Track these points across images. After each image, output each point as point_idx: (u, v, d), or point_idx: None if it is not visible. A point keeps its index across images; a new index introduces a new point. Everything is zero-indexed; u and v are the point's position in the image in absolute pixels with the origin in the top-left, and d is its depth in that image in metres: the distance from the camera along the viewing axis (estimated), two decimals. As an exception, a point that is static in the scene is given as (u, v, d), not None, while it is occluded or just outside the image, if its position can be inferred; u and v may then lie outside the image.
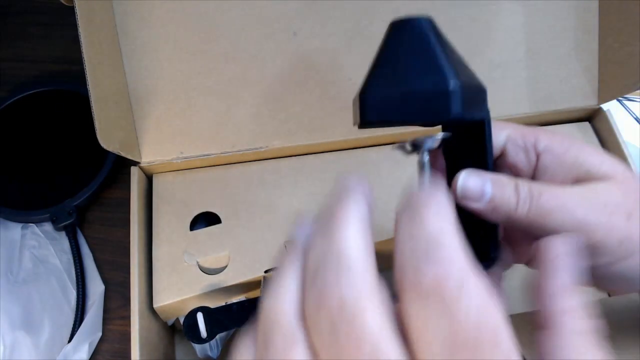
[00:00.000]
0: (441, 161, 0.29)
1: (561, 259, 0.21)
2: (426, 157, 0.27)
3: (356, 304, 0.15)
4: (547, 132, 0.27)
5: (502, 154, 0.28)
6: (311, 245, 0.18)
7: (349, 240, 0.17)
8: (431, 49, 0.24)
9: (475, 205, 0.25)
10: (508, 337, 0.15)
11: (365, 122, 0.25)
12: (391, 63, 0.25)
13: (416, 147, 0.27)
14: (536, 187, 0.24)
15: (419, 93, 0.23)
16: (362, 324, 0.15)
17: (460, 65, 0.25)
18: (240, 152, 0.43)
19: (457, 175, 0.25)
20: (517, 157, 0.27)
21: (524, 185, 0.24)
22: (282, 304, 0.17)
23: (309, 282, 0.17)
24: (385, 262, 0.48)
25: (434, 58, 0.24)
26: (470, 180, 0.25)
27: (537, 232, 0.24)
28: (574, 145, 0.26)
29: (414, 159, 0.29)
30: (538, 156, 0.27)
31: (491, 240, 0.27)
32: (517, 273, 0.30)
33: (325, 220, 0.18)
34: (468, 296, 0.15)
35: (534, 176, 0.27)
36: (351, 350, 0.15)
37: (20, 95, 0.54)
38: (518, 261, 0.29)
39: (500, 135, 0.28)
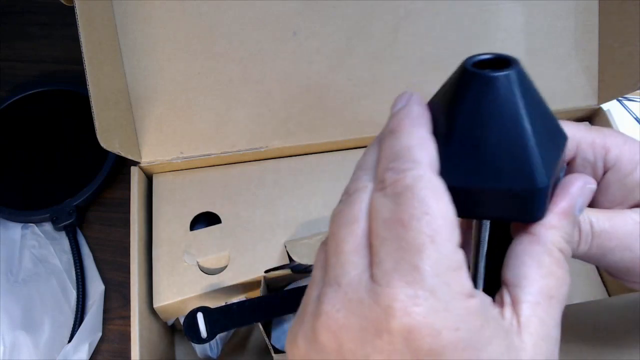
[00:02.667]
0: None
1: (578, 191, 0.21)
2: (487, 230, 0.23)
3: (359, 187, 0.22)
4: (617, 141, 0.25)
5: (568, 165, 0.26)
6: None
7: (368, 158, 0.23)
8: (519, 127, 0.19)
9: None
10: (443, 218, 0.18)
11: None
12: (465, 140, 0.19)
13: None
14: (597, 221, 0.23)
15: (499, 191, 0.19)
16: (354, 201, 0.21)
17: (545, 124, 0.20)
18: (240, 152, 0.43)
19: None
20: (584, 171, 0.25)
21: (585, 221, 0.23)
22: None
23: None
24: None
25: (522, 144, 0.19)
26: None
27: (593, 263, 0.24)
28: None
29: None
30: (605, 172, 0.25)
31: None
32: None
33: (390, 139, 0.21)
34: (417, 188, 0.18)
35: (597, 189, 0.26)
36: (343, 215, 0.20)
37: (20, 95, 0.54)
38: None
39: (571, 145, 0.25)
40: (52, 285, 0.46)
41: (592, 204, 0.25)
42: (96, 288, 0.46)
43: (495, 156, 0.19)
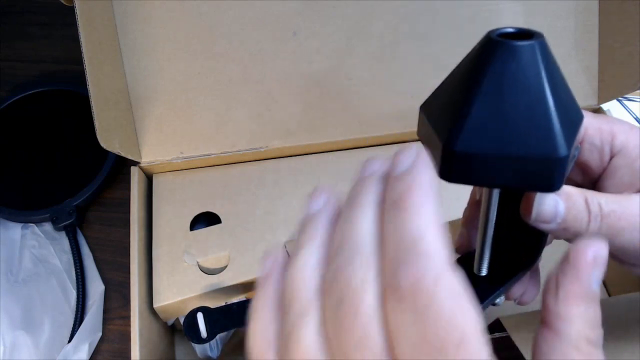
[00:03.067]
0: None
1: (589, 267, 0.20)
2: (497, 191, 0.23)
3: (359, 286, 0.16)
4: (623, 128, 0.25)
5: None
6: (338, 223, 0.18)
7: (361, 229, 0.17)
8: (542, 95, 0.19)
9: (545, 227, 0.23)
10: (476, 337, 0.15)
11: (447, 179, 0.20)
12: (488, 107, 0.19)
13: None
14: (606, 202, 0.23)
15: (520, 158, 0.19)
16: (358, 306, 0.16)
17: (565, 98, 0.20)
18: (240, 152, 0.43)
19: (530, 193, 0.23)
20: (590, 156, 0.26)
21: (594, 201, 0.23)
22: (304, 272, 0.19)
23: (331, 256, 0.18)
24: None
25: (544, 112, 0.19)
26: (546, 200, 0.23)
27: None
28: None
29: None
30: (612, 157, 0.25)
31: (539, 246, 0.26)
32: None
33: (348, 206, 0.19)
34: (440, 299, 0.15)
35: (602, 174, 0.26)
36: (345, 331, 0.16)
37: (20, 95, 0.54)
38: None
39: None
40: (52, 285, 0.46)
41: (599, 189, 0.25)
42: (96, 288, 0.46)
43: (518, 123, 0.19)
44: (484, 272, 0.26)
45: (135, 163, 0.42)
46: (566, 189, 0.23)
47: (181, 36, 0.42)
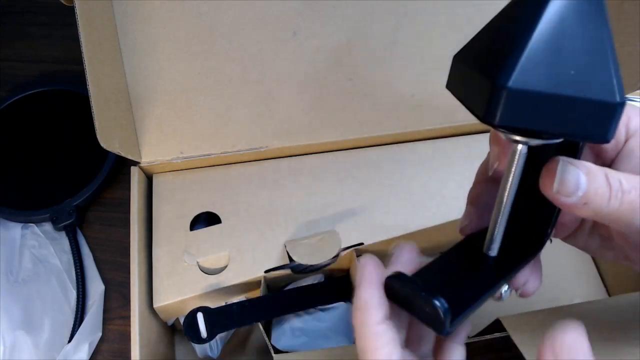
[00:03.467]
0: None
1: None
2: (525, 152, 0.22)
3: None
4: (637, 111, 0.25)
5: None
6: None
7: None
8: (602, 37, 0.18)
9: (565, 201, 0.22)
10: None
11: (494, 120, 0.18)
12: (544, 45, 0.18)
13: (519, 140, 0.22)
14: (627, 179, 0.22)
15: (575, 101, 0.18)
16: None
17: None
18: (240, 152, 0.43)
19: (552, 163, 0.22)
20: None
21: (614, 177, 0.22)
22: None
23: None
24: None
25: (604, 55, 0.18)
26: (568, 171, 0.22)
27: (619, 227, 0.23)
28: None
29: (412, 159, 0.28)
30: (626, 140, 0.25)
31: (550, 223, 0.25)
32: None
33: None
34: None
35: (615, 158, 0.25)
36: None
37: (20, 95, 0.54)
38: (556, 235, 0.28)
39: None
40: (52, 285, 0.46)
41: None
42: (96, 288, 0.46)
43: (575, 65, 0.18)
44: (494, 253, 0.25)
45: (135, 163, 0.42)
46: (586, 164, 0.22)
47: (181, 36, 0.42)
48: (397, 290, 0.23)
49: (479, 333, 0.44)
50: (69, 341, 0.43)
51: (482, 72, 0.19)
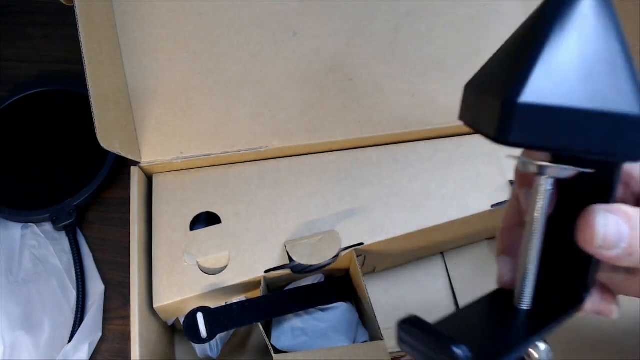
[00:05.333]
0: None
1: None
2: (550, 187, 0.21)
3: None
4: None
5: None
6: None
7: None
8: (617, 53, 0.17)
9: (608, 254, 0.20)
10: None
11: (506, 139, 0.17)
12: (555, 58, 0.17)
13: (542, 172, 0.20)
14: None
15: (593, 115, 0.17)
16: None
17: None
18: (240, 152, 0.43)
19: (589, 217, 0.20)
20: (632, 166, 0.23)
21: None
22: None
23: None
24: (386, 262, 0.48)
25: (622, 66, 0.17)
26: (610, 223, 0.20)
27: None
28: None
29: (412, 160, 0.26)
30: None
31: (588, 275, 0.23)
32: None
33: None
34: None
35: None
36: None
37: (20, 95, 0.54)
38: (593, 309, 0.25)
39: None
40: (52, 285, 0.46)
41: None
42: (96, 288, 0.46)
43: (591, 76, 0.17)
44: (525, 306, 0.23)
45: (135, 163, 0.42)
46: (623, 208, 0.20)
47: (181, 36, 0.42)
48: (411, 336, 0.20)
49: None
50: (69, 341, 0.43)
51: (493, 94, 0.18)
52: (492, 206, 0.42)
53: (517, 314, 0.22)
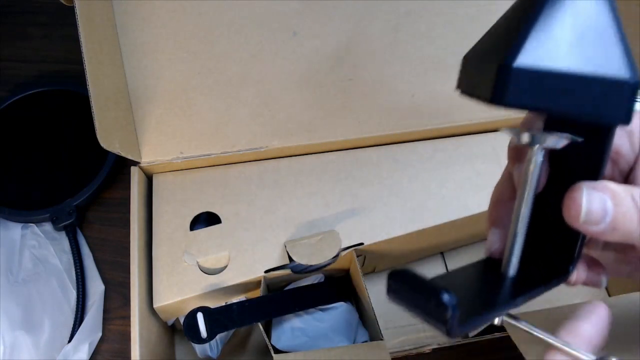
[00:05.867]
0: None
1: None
2: (541, 157, 0.22)
3: None
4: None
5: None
6: None
7: None
8: (609, 18, 0.19)
9: (593, 229, 0.21)
10: None
11: (501, 100, 0.19)
12: (549, 29, 0.18)
13: (534, 141, 0.21)
14: None
15: (584, 78, 0.18)
16: None
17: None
18: (240, 152, 0.43)
19: (575, 193, 0.21)
20: (619, 140, 0.24)
21: None
22: None
23: None
24: (386, 262, 0.48)
25: (611, 33, 0.18)
26: (594, 199, 0.21)
27: None
28: None
29: (412, 159, 0.27)
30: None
31: (574, 252, 0.24)
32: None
33: None
34: None
35: (635, 164, 0.24)
36: None
37: (20, 95, 0.54)
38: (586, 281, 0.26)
39: None
40: (52, 285, 0.46)
41: (632, 181, 0.24)
42: (96, 288, 0.46)
43: (584, 44, 0.18)
44: (511, 273, 0.24)
45: (135, 163, 0.42)
46: (610, 186, 0.21)
47: (181, 36, 0.42)
48: (401, 285, 0.21)
49: (479, 333, 0.44)
50: (69, 341, 0.43)
51: (490, 60, 0.19)
52: (492, 206, 0.42)
53: (503, 280, 0.24)
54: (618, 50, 0.18)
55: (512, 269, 0.24)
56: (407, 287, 0.20)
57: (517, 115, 0.47)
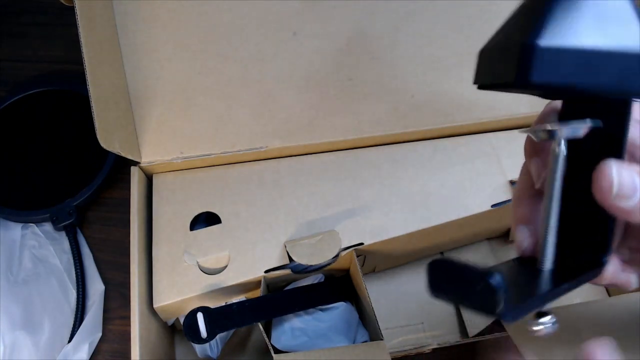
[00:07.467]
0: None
1: None
2: (564, 149, 0.22)
3: None
4: None
5: None
6: None
7: None
8: (624, 2, 0.19)
9: (625, 204, 0.21)
10: None
11: (527, 81, 0.19)
12: (569, 10, 0.19)
13: (552, 134, 0.21)
14: None
15: (607, 54, 0.18)
16: None
17: None
18: (240, 152, 0.43)
19: (604, 167, 0.21)
20: (635, 133, 0.24)
21: None
22: None
23: None
24: (386, 262, 0.48)
25: (631, 11, 0.19)
26: (623, 172, 0.21)
27: None
28: None
29: (412, 160, 0.27)
30: None
31: (606, 242, 0.24)
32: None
33: None
34: None
35: None
36: None
37: (20, 95, 0.54)
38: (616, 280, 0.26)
39: None
40: (52, 285, 0.46)
41: None
42: (96, 288, 0.46)
43: (602, 22, 0.19)
44: (547, 266, 0.24)
45: (135, 163, 0.42)
46: (634, 165, 0.21)
47: (181, 36, 0.42)
48: (442, 274, 0.20)
49: (479, 333, 0.44)
50: (69, 341, 0.43)
51: (510, 46, 0.20)
52: (492, 206, 0.42)
53: (540, 273, 0.23)
54: (636, 26, 0.19)
55: (548, 262, 0.23)
56: (449, 276, 0.19)
57: (517, 115, 0.47)
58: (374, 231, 0.41)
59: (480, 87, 0.22)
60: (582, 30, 0.18)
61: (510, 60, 0.19)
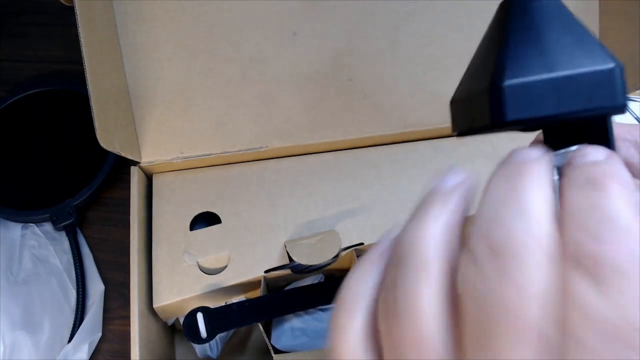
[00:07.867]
0: None
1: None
2: (556, 178, 0.21)
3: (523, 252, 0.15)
4: None
5: None
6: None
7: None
8: (573, 22, 0.20)
9: None
10: None
11: (502, 121, 0.19)
12: (524, 42, 0.19)
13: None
14: None
15: (574, 77, 0.19)
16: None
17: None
18: (240, 152, 0.43)
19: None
20: (628, 153, 0.24)
21: None
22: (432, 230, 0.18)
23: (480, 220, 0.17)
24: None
25: (582, 34, 0.19)
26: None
27: None
28: None
29: (412, 159, 0.27)
30: None
31: None
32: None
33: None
34: None
35: None
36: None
37: (20, 95, 0.54)
38: None
39: None
40: (52, 285, 0.46)
41: None
42: (96, 288, 0.46)
43: (558, 47, 0.19)
44: None
45: (135, 163, 0.42)
46: None
47: (181, 36, 0.42)
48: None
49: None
50: (69, 341, 0.43)
51: (477, 91, 0.20)
52: (492, 206, 0.42)
53: None
54: (593, 45, 0.19)
55: None
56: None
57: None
58: (374, 231, 0.41)
59: (460, 135, 0.22)
60: (543, 60, 0.19)
61: (481, 105, 0.20)
